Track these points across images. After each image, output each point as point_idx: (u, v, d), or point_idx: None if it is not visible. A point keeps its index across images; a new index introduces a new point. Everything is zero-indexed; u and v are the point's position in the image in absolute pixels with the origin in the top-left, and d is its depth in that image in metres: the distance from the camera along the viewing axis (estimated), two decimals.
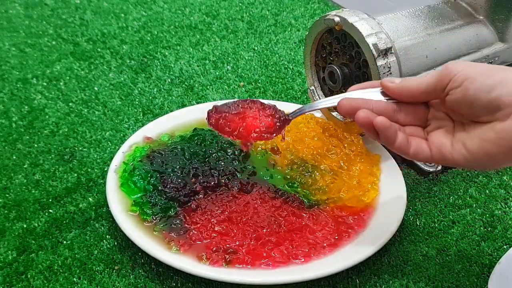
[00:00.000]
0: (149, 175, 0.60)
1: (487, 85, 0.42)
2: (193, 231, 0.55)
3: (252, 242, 0.54)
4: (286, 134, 0.67)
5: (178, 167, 0.61)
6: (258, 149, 0.66)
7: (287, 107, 0.72)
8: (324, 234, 0.56)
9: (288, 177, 0.62)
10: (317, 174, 0.62)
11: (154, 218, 0.56)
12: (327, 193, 0.60)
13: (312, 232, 0.56)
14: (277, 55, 0.91)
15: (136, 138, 0.67)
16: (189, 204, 0.58)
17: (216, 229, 0.55)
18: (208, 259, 0.52)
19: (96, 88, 0.82)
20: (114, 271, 0.55)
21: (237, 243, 0.54)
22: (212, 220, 0.56)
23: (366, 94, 0.49)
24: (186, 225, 0.56)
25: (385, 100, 0.48)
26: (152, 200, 0.58)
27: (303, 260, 0.53)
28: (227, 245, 0.54)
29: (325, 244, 0.55)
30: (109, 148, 0.70)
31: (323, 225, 0.57)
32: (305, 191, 0.61)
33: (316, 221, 0.57)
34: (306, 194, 0.60)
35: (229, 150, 0.64)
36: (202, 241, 0.54)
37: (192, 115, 0.72)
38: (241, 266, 0.52)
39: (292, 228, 0.56)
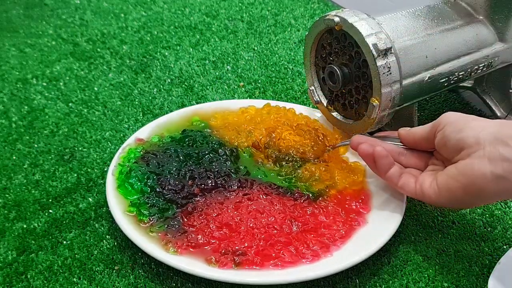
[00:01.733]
0: (145, 176, 0.60)
1: (458, 128, 0.49)
2: (192, 234, 0.55)
3: (261, 243, 0.54)
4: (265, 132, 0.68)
5: (174, 169, 0.61)
6: (245, 147, 0.66)
7: (287, 107, 0.73)
8: (337, 224, 0.57)
9: (283, 173, 0.63)
10: (310, 166, 0.62)
11: (150, 219, 0.56)
12: (324, 181, 0.61)
13: (327, 227, 0.56)
14: (277, 55, 0.91)
15: (130, 140, 0.67)
16: (187, 206, 0.58)
17: (215, 234, 0.55)
18: (218, 261, 0.52)
19: (96, 88, 0.82)
20: (114, 271, 0.55)
21: (246, 244, 0.54)
22: (211, 225, 0.56)
23: (386, 139, 0.58)
24: (184, 226, 0.56)
25: (395, 144, 0.57)
26: (150, 202, 0.58)
27: (310, 259, 0.53)
28: (236, 247, 0.54)
29: (336, 237, 0.55)
30: (109, 148, 0.70)
31: (334, 216, 0.57)
32: (305, 185, 0.61)
33: (327, 213, 0.58)
34: (307, 186, 0.61)
35: (220, 151, 0.64)
36: (208, 245, 0.54)
37: (179, 115, 0.72)
38: (250, 267, 0.52)
39: (308, 228, 0.56)
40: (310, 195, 0.60)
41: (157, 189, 0.59)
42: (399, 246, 0.57)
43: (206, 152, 0.64)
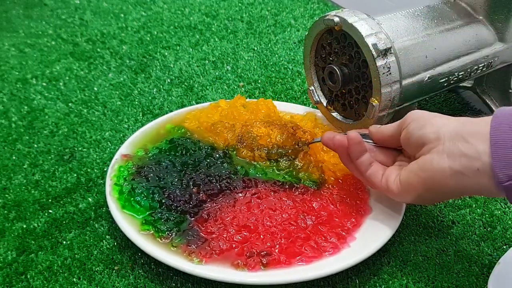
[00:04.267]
0: (150, 191, 0.59)
1: (421, 124, 0.50)
2: (213, 241, 0.54)
3: (283, 241, 0.54)
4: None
5: (176, 179, 0.60)
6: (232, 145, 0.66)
7: (287, 107, 0.73)
8: (345, 212, 0.58)
9: (282, 167, 0.63)
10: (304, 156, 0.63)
11: (169, 233, 0.55)
12: (320, 168, 0.62)
13: (338, 215, 0.57)
14: (276, 55, 0.91)
15: (117, 157, 0.64)
16: (200, 214, 0.57)
17: (236, 238, 0.54)
18: (245, 265, 0.52)
19: (95, 88, 0.82)
20: (114, 271, 0.55)
21: (268, 244, 0.54)
22: (230, 229, 0.55)
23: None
24: (202, 234, 0.55)
25: (366, 141, 0.56)
26: (163, 216, 0.56)
27: (331, 251, 0.54)
28: (260, 248, 0.54)
29: (349, 226, 0.56)
30: (108, 148, 0.70)
31: (341, 204, 0.58)
32: (306, 175, 0.62)
33: (334, 202, 0.59)
34: (309, 175, 0.61)
35: (215, 155, 0.64)
36: (231, 250, 0.53)
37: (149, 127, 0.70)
38: (278, 266, 0.52)
39: (321, 221, 0.57)
40: (314, 186, 0.60)
41: (167, 203, 0.58)
42: (399, 246, 0.57)
43: (202, 157, 0.64)
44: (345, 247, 0.54)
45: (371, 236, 0.55)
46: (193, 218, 0.57)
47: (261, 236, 0.55)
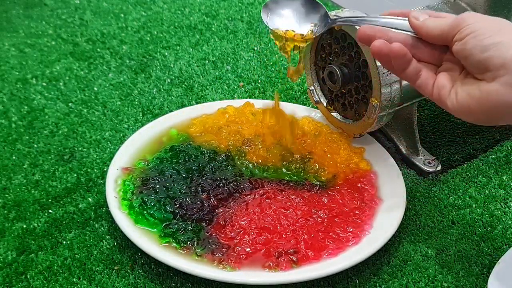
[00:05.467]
0: (162, 203, 0.58)
1: (484, 44, 0.43)
2: (237, 246, 0.54)
3: (306, 237, 0.55)
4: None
5: (184, 187, 0.60)
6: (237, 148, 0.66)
7: (285, 108, 0.73)
8: (355, 204, 0.58)
9: (292, 168, 0.63)
10: (318, 158, 0.64)
11: (190, 243, 0.54)
12: (330, 172, 0.63)
13: (348, 206, 0.58)
14: (276, 55, 0.91)
15: (117, 172, 0.62)
16: (215, 220, 0.57)
17: (259, 240, 0.54)
18: (277, 265, 0.52)
19: (95, 88, 0.82)
20: (114, 271, 0.55)
21: (292, 242, 0.54)
22: (250, 233, 0.55)
23: (395, 21, 0.50)
24: (222, 241, 0.54)
25: (406, 33, 0.49)
26: (180, 227, 0.56)
27: (354, 241, 0.55)
28: (286, 248, 0.54)
29: (362, 215, 0.57)
30: (108, 148, 0.70)
31: (350, 198, 0.59)
32: (315, 175, 0.62)
33: (342, 196, 0.59)
34: (316, 177, 0.62)
35: (218, 158, 0.64)
36: (257, 252, 0.53)
37: (149, 133, 0.69)
38: (309, 262, 0.53)
39: (335, 213, 0.57)
40: (320, 183, 0.61)
41: (180, 212, 0.57)
42: (399, 246, 0.57)
43: (206, 162, 0.63)
44: (365, 235, 0.55)
45: (386, 222, 0.56)
46: (209, 226, 0.56)
47: (284, 235, 0.55)
